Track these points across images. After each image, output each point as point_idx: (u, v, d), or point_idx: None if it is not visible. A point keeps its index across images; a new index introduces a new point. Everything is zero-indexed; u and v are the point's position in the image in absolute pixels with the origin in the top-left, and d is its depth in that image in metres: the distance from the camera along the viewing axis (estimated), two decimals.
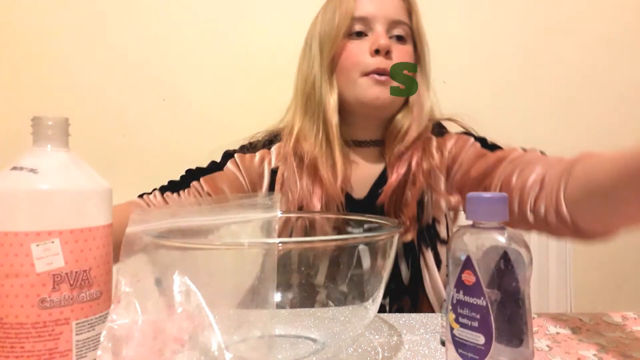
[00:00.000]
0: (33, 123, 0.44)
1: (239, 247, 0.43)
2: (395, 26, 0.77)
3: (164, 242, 0.43)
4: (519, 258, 0.40)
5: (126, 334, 0.38)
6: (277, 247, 0.41)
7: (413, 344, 0.54)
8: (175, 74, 1.28)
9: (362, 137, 0.82)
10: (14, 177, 0.41)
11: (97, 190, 0.44)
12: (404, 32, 0.77)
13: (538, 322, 0.61)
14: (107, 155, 1.26)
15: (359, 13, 0.76)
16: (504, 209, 0.41)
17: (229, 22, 1.28)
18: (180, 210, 0.52)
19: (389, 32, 0.77)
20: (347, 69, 0.76)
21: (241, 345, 0.42)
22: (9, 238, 0.39)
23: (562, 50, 1.28)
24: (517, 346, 0.40)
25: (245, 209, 0.53)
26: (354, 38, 0.76)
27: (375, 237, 0.48)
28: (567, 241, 1.23)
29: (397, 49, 0.76)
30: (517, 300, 0.40)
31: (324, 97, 0.76)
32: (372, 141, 0.82)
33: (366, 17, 0.76)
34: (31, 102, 1.27)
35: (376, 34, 0.75)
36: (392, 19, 0.76)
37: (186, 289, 0.40)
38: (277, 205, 0.53)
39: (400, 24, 0.77)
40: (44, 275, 0.40)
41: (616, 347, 0.53)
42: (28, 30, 1.27)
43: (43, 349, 0.40)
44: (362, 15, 0.76)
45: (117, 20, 1.27)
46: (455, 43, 1.29)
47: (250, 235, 0.53)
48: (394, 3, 0.77)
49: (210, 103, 1.28)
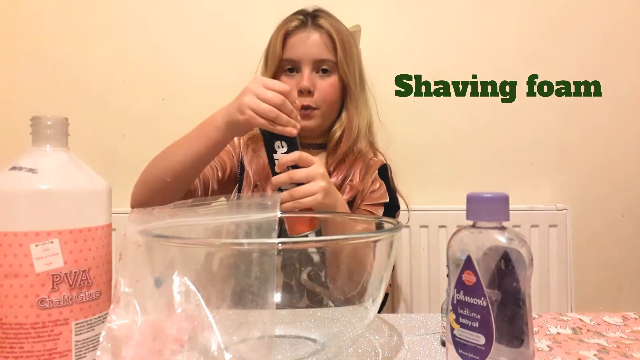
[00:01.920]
0: (32, 123, 0.43)
1: (238, 247, 0.43)
2: (320, 64, 0.93)
3: (163, 242, 0.43)
4: (519, 258, 0.40)
5: (125, 334, 0.38)
6: (276, 247, 0.41)
7: (413, 345, 0.54)
8: (174, 74, 1.27)
9: (307, 142, 0.97)
10: (13, 177, 0.41)
11: (97, 190, 0.44)
12: (328, 67, 0.93)
13: (538, 322, 0.61)
14: (107, 155, 1.25)
15: (288, 56, 0.92)
16: (504, 208, 0.41)
17: (229, 22, 1.28)
18: (180, 210, 0.51)
19: (315, 68, 0.93)
20: None
21: (241, 346, 0.42)
22: (8, 238, 0.39)
23: (562, 49, 1.28)
24: (518, 346, 0.40)
25: (245, 209, 0.53)
26: (287, 74, 0.93)
27: (375, 237, 0.48)
28: (568, 241, 1.24)
29: (321, 83, 0.92)
30: (517, 301, 0.40)
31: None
32: (316, 144, 0.99)
33: (293, 59, 0.92)
34: (30, 102, 1.27)
35: (301, 76, 0.91)
36: (316, 59, 0.92)
37: (185, 289, 0.39)
38: (277, 205, 0.53)
39: (324, 62, 0.92)
40: (43, 276, 0.40)
41: (617, 347, 0.53)
42: (28, 30, 1.27)
43: (42, 349, 0.39)
44: (290, 57, 0.92)
45: (116, 20, 1.27)
46: (455, 43, 1.29)
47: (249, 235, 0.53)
48: (317, 44, 0.91)
49: (209, 103, 1.27)
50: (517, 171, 1.30)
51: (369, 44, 1.28)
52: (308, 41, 0.91)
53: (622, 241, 1.30)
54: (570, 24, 1.28)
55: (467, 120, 1.29)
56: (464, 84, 1.29)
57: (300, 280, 0.63)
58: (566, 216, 1.22)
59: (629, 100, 1.30)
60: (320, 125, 0.95)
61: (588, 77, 1.29)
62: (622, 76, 1.29)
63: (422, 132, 1.29)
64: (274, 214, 0.51)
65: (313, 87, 0.91)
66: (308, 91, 0.90)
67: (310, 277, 0.64)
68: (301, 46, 0.91)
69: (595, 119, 1.30)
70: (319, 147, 0.99)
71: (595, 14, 1.28)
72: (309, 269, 0.63)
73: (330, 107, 0.95)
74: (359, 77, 0.98)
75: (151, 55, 1.27)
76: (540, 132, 1.29)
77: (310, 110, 0.92)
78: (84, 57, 1.27)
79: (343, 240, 0.47)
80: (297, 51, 0.91)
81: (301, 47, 0.91)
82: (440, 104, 1.29)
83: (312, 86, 0.91)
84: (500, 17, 1.28)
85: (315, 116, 0.93)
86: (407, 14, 1.28)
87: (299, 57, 0.91)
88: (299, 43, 0.92)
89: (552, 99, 1.29)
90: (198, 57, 1.27)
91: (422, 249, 1.21)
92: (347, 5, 1.26)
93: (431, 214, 1.21)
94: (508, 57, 1.28)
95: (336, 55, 0.92)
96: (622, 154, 1.30)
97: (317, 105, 0.92)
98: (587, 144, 1.30)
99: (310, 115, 0.92)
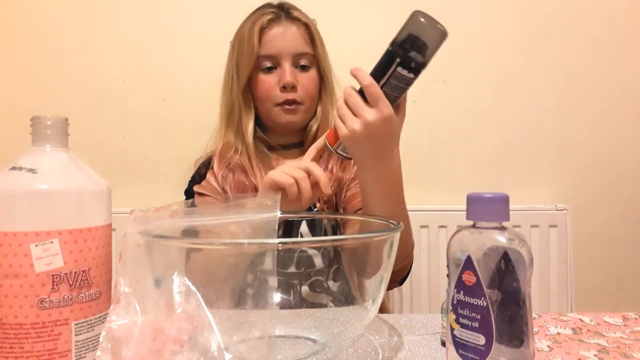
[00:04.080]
0: (32, 123, 0.43)
1: (238, 247, 0.43)
2: (299, 58, 0.89)
3: (163, 242, 0.43)
4: (519, 258, 0.40)
5: (125, 334, 0.38)
6: (276, 247, 0.41)
7: (413, 345, 0.53)
8: (174, 74, 1.27)
9: (285, 142, 0.96)
10: (13, 177, 0.41)
11: (97, 190, 0.44)
12: (307, 61, 0.90)
13: (539, 323, 0.61)
14: (107, 155, 1.25)
15: (265, 52, 0.88)
16: (504, 209, 0.41)
17: (229, 21, 1.27)
18: (179, 211, 0.51)
19: (295, 63, 0.89)
20: (262, 99, 0.91)
21: (241, 346, 0.42)
22: (8, 238, 0.39)
23: (562, 50, 1.28)
24: (518, 347, 0.40)
25: (245, 209, 0.53)
26: (266, 72, 0.89)
27: (375, 237, 0.48)
28: (568, 241, 1.24)
29: (302, 78, 0.90)
30: (517, 301, 0.40)
31: (243, 122, 0.92)
32: (294, 144, 0.97)
33: (272, 55, 0.88)
34: (30, 102, 1.27)
35: (282, 71, 0.88)
36: (295, 53, 0.89)
37: (186, 289, 0.39)
38: (277, 205, 0.53)
39: (303, 55, 0.90)
40: (43, 276, 0.40)
41: (617, 347, 0.53)
42: (27, 30, 1.27)
43: (42, 349, 0.39)
44: (268, 54, 0.88)
45: (116, 20, 1.27)
46: (456, 43, 1.29)
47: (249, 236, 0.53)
48: (296, 37, 0.89)
49: (210, 103, 1.28)
50: (517, 171, 1.30)
51: (369, 44, 1.28)
52: (286, 35, 0.88)
53: (622, 241, 1.30)
54: (571, 24, 1.28)
55: (467, 120, 1.29)
56: (464, 84, 1.29)
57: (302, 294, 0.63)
58: (566, 216, 1.22)
59: (629, 101, 1.30)
60: (304, 121, 0.93)
61: (588, 77, 1.29)
62: (622, 76, 1.29)
63: (422, 132, 1.29)
64: (274, 214, 0.51)
65: (297, 82, 0.88)
66: (292, 86, 0.88)
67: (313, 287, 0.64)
68: (280, 41, 0.88)
69: (596, 119, 1.30)
70: (296, 146, 0.97)
71: (595, 13, 1.28)
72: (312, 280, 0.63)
73: (313, 102, 0.93)
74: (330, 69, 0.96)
75: (151, 55, 1.27)
76: (540, 132, 1.29)
77: (296, 106, 0.89)
78: (84, 57, 1.27)
79: (343, 241, 0.47)
80: (276, 46, 0.88)
81: (280, 41, 0.88)
82: (441, 104, 1.29)
83: (296, 81, 0.88)
84: (500, 17, 1.28)
85: (300, 111, 0.90)
86: (407, 14, 1.28)
87: (278, 52, 0.88)
88: (278, 37, 0.88)
89: (552, 99, 1.29)
90: (198, 57, 1.27)
91: (422, 249, 1.21)
92: (344, 5, 1.26)
93: (431, 214, 1.21)
94: (508, 57, 1.28)
95: (314, 48, 0.90)
96: (622, 154, 1.30)
97: (302, 100, 0.90)
98: (587, 144, 1.30)
99: (296, 110, 0.90)
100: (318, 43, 0.91)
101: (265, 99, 0.90)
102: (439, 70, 1.29)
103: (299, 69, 0.90)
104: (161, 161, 1.26)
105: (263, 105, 0.91)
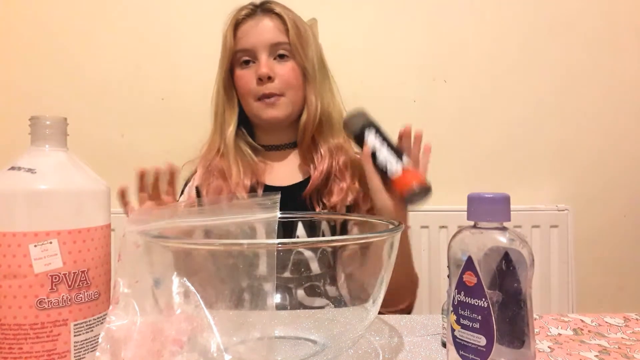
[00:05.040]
0: (31, 123, 0.43)
1: (238, 248, 0.43)
2: (276, 48, 0.87)
3: (163, 242, 0.43)
4: (520, 259, 0.40)
5: (124, 335, 0.38)
6: (276, 247, 0.40)
7: (414, 346, 0.53)
8: (173, 74, 1.27)
9: (278, 142, 0.94)
10: (12, 177, 0.40)
11: (96, 190, 0.44)
12: (285, 51, 0.87)
13: (539, 323, 0.61)
14: (106, 155, 1.25)
15: (241, 46, 0.87)
16: (505, 209, 0.41)
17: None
18: (179, 211, 0.51)
19: (272, 54, 0.87)
20: (243, 95, 0.89)
21: (240, 347, 0.42)
22: (7, 238, 0.39)
23: (562, 50, 1.28)
24: (519, 347, 0.40)
25: (245, 209, 0.52)
26: (244, 67, 0.88)
27: (375, 237, 0.48)
28: (569, 241, 1.23)
29: (280, 68, 0.87)
30: (518, 301, 0.40)
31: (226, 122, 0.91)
32: (287, 144, 0.94)
33: (248, 48, 0.87)
34: (29, 102, 1.27)
35: (258, 64, 0.86)
36: (271, 43, 0.86)
37: (185, 289, 0.39)
38: (277, 205, 0.53)
39: (279, 45, 0.87)
40: (42, 276, 0.40)
41: (618, 348, 0.53)
42: (27, 30, 1.27)
43: (41, 350, 0.39)
44: (244, 47, 0.87)
45: (116, 20, 1.27)
46: (456, 42, 1.28)
47: (249, 236, 0.52)
48: (270, 28, 0.87)
49: (209, 102, 1.28)
50: (518, 171, 1.29)
51: (370, 44, 1.28)
52: (259, 27, 0.87)
53: (623, 241, 1.30)
54: (571, 24, 1.28)
55: (467, 119, 1.29)
56: (464, 83, 1.29)
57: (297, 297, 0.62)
58: (567, 216, 1.22)
59: (630, 101, 1.29)
60: (290, 115, 0.89)
61: (589, 77, 1.29)
62: (623, 76, 1.29)
63: (423, 131, 1.29)
64: (274, 214, 0.51)
65: (272, 72, 0.85)
66: (268, 77, 0.85)
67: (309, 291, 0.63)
68: (253, 33, 0.87)
69: (597, 119, 1.29)
70: (289, 146, 0.94)
71: (596, 13, 1.28)
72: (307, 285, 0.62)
73: (296, 93, 0.88)
74: (319, 63, 0.91)
75: (151, 55, 1.27)
76: (541, 132, 1.29)
77: (276, 98, 0.86)
78: (83, 56, 1.27)
79: (343, 241, 0.47)
80: (250, 39, 0.86)
81: (253, 34, 0.86)
82: (441, 104, 1.29)
83: (271, 71, 0.85)
84: (502, 19, 1.28)
85: (282, 104, 0.87)
86: (408, 14, 1.28)
87: (253, 45, 0.86)
88: (251, 31, 0.87)
89: (553, 99, 1.29)
90: (198, 57, 1.27)
91: (423, 250, 1.21)
92: (345, 5, 1.26)
93: (432, 214, 1.21)
94: (509, 57, 1.28)
95: (289, 37, 0.87)
96: (623, 155, 1.30)
97: (281, 91, 0.86)
98: (588, 144, 1.30)
99: (276, 103, 0.86)
100: (293, 32, 0.86)
101: (246, 94, 0.88)
102: (440, 70, 1.29)
103: (277, 59, 0.87)
104: (161, 161, 1.26)
105: (245, 102, 0.89)
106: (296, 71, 0.88)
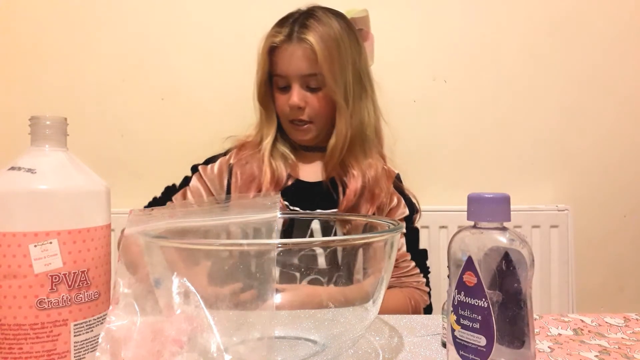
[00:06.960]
0: (31, 123, 0.43)
1: (237, 248, 0.43)
2: (308, 80, 0.90)
3: (163, 243, 0.43)
4: (520, 259, 0.40)
5: (124, 335, 0.38)
6: (276, 247, 0.40)
7: (414, 346, 0.53)
8: (173, 73, 1.27)
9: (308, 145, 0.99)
10: (12, 177, 0.40)
11: (96, 190, 0.44)
12: (316, 83, 0.91)
13: (540, 323, 0.61)
14: (106, 155, 1.25)
15: (277, 71, 0.92)
16: (505, 209, 0.41)
17: (228, 21, 1.27)
18: (179, 211, 0.51)
19: (304, 84, 0.91)
20: (278, 113, 0.96)
21: (240, 347, 0.42)
22: (7, 239, 0.39)
23: (563, 50, 1.28)
24: (519, 348, 0.40)
25: (245, 209, 0.52)
26: (280, 91, 0.93)
27: (375, 237, 0.48)
28: (570, 242, 1.23)
29: (311, 99, 0.91)
30: (518, 302, 0.40)
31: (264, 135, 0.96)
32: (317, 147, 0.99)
33: (282, 75, 0.91)
34: (29, 102, 1.27)
35: (291, 93, 0.91)
36: (303, 74, 0.90)
37: (185, 289, 0.39)
38: (277, 205, 0.52)
39: (311, 77, 0.90)
40: (42, 276, 0.40)
41: (618, 348, 0.53)
42: (26, 30, 1.27)
43: (41, 350, 0.39)
44: (279, 73, 0.92)
45: (115, 19, 1.27)
46: (457, 42, 1.28)
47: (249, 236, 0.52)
48: (303, 59, 0.89)
49: (209, 102, 1.28)
50: (518, 171, 1.29)
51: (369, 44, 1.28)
52: (293, 57, 0.89)
53: (623, 242, 1.30)
54: (573, 26, 1.28)
55: (468, 120, 1.29)
56: (465, 83, 1.29)
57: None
58: (567, 217, 1.22)
59: (631, 101, 1.29)
60: (317, 137, 0.96)
61: (589, 78, 1.29)
62: (623, 77, 1.29)
63: (423, 132, 1.29)
64: (274, 214, 0.51)
65: (303, 103, 0.90)
66: (298, 107, 0.91)
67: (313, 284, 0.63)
68: (287, 63, 0.90)
69: (597, 120, 1.29)
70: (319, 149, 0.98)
71: (597, 15, 1.28)
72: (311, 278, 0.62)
73: (326, 121, 0.94)
74: (355, 81, 0.93)
75: (150, 55, 1.27)
76: (541, 132, 1.29)
77: (307, 125, 0.93)
78: (83, 56, 1.27)
79: (343, 241, 0.47)
80: (284, 68, 0.90)
81: (287, 64, 0.90)
82: (441, 104, 1.29)
83: (302, 102, 0.90)
84: (502, 18, 1.28)
85: (311, 130, 0.94)
86: (408, 15, 1.28)
87: (286, 74, 0.90)
88: (285, 59, 0.90)
89: (554, 100, 1.29)
90: (198, 57, 1.27)
91: None
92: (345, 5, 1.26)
93: (432, 214, 1.21)
94: (509, 57, 1.28)
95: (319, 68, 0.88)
96: (623, 155, 1.30)
97: (311, 119, 0.92)
98: (588, 145, 1.30)
99: (306, 129, 0.94)
100: (324, 62, 0.87)
101: (281, 114, 0.95)
102: (440, 70, 1.29)
103: (309, 90, 0.91)
104: (161, 161, 1.26)
105: (280, 119, 0.96)
106: (327, 100, 0.92)
